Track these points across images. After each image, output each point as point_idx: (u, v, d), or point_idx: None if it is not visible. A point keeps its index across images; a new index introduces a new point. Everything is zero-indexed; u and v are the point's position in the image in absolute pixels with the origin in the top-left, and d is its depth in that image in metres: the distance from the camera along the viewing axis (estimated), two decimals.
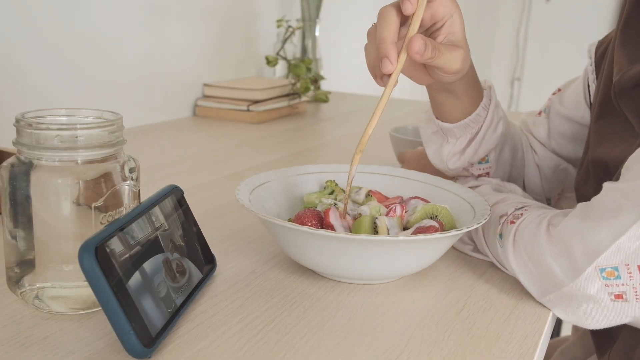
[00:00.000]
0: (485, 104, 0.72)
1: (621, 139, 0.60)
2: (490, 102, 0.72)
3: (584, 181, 0.67)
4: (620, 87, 0.60)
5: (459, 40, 0.62)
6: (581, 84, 0.76)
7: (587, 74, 0.75)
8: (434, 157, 0.76)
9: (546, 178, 0.82)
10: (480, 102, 0.71)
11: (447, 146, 0.73)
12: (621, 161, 0.56)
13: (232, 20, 1.57)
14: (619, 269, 0.51)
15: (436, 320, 0.55)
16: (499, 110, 0.73)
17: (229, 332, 0.51)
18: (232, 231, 0.73)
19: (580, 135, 0.78)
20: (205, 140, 1.26)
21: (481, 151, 0.73)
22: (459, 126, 0.71)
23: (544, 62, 3.99)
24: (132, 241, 0.47)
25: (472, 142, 0.72)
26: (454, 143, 0.73)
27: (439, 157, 0.75)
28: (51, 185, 0.49)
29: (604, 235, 0.51)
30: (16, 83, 1.06)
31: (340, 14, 2.06)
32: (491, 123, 0.72)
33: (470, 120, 0.71)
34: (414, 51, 0.57)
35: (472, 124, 0.71)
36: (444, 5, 0.61)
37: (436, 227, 0.60)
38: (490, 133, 0.72)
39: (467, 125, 0.71)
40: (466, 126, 0.71)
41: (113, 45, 1.24)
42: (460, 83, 0.67)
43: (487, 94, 0.72)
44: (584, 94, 0.75)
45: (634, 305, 0.52)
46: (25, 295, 0.52)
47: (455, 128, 0.71)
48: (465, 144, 0.73)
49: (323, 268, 0.59)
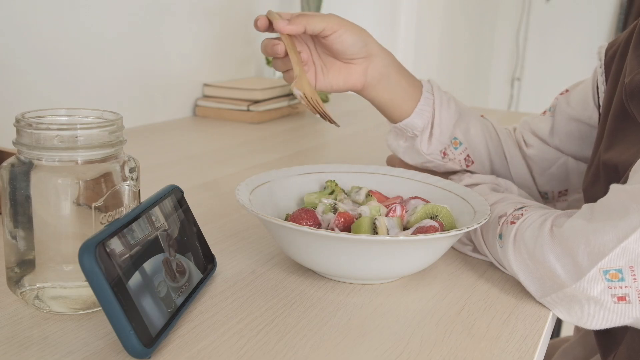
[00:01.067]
0: (427, 88, 0.78)
1: (633, 142, 0.60)
2: (432, 86, 0.79)
3: (593, 183, 0.67)
4: (632, 89, 0.60)
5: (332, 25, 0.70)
6: (590, 85, 0.76)
7: (596, 75, 0.75)
8: (412, 158, 0.81)
9: (542, 171, 0.82)
10: (422, 88, 0.78)
11: (416, 140, 0.79)
12: (631, 164, 0.56)
13: (232, 20, 1.57)
14: (623, 271, 0.51)
15: (436, 320, 0.55)
16: (445, 94, 0.80)
17: (229, 332, 0.51)
18: (232, 231, 0.73)
19: (586, 135, 0.78)
20: (205, 140, 1.26)
21: (444, 127, 0.78)
22: (415, 115, 0.77)
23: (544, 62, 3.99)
24: (132, 241, 0.47)
25: (434, 124, 0.78)
26: (421, 135, 0.78)
27: (415, 152, 0.80)
28: (51, 185, 0.49)
29: (610, 237, 0.50)
30: (16, 83, 1.06)
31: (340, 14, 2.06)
32: (442, 101, 0.78)
33: (422, 105, 0.77)
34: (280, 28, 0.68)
35: (425, 107, 0.77)
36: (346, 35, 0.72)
37: (436, 227, 0.60)
38: (445, 110, 0.78)
39: (422, 110, 0.77)
40: (421, 112, 0.77)
41: (113, 45, 1.24)
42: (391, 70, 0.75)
43: (426, 83, 0.79)
44: (593, 95, 0.75)
45: (637, 307, 0.52)
46: (25, 295, 0.52)
47: (414, 119, 0.77)
48: (429, 129, 0.78)
49: (323, 268, 0.59)
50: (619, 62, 0.69)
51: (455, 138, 0.79)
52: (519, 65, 4.08)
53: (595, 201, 0.56)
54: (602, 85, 0.72)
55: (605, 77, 0.72)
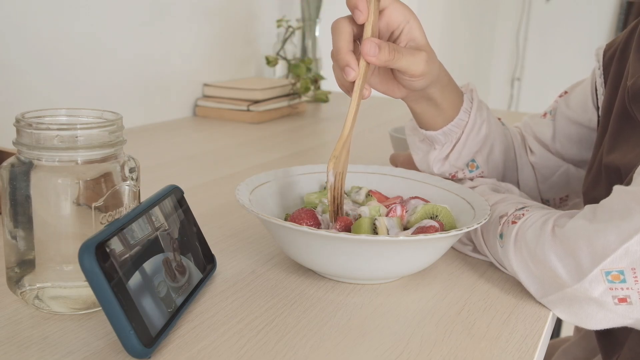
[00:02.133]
0: (467, 107, 0.72)
1: (635, 144, 0.60)
2: (472, 105, 0.73)
3: (593, 185, 0.67)
4: (634, 91, 0.60)
5: (420, 45, 0.63)
6: (588, 87, 0.76)
7: (594, 77, 0.75)
8: (420, 164, 0.78)
9: (544, 179, 0.81)
10: (460, 106, 0.72)
11: (433, 152, 0.75)
12: (634, 166, 0.56)
13: (232, 20, 1.57)
14: (624, 272, 0.51)
15: (436, 320, 0.55)
16: (482, 113, 0.74)
17: (229, 332, 0.51)
18: (232, 231, 0.73)
19: (586, 138, 0.77)
20: (205, 140, 1.26)
21: (465, 154, 0.74)
22: (442, 133, 0.72)
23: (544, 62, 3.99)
24: (132, 241, 0.47)
25: (456, 146, 0.73)
26: (440, 149, 0.74)
27: (426, 163, 0.76)
28: (51, 185, 0.49)
29: (612, 238, 0.50)
30: (16, 83, 1.06)
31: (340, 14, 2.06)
32: (473, 126, 0.73)
33: (452, 126, 0.72)
34: (366, 53, 0.58)
35: (455, 128, 0.72)
36: (397, 12, 0.62)
37: (436, 227, 0.60)
38: (473, 136, 0.73)
39: (451, 130, 0.72)
40: (449, 132, 0.72)
41: (113, 45, 1.24)
42: (435, 89, 0.68)
43: (468, 97, 0.73)
44: (592, 97, 0.75)
45: (638, 308, 0.52)
46: (25, 295, 0.52)
47: (439, 135, 0.73)
48: (450, 149, 0.74)
49: (323, 268, 0.59)
50: (617, 63, 0.69)
51: (474, 161, 0.75)
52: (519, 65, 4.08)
53: (595, 203, 0.56)
54: (601, 87, 0.72)
55: (603, 79, 0.72)
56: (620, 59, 0.69)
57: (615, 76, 0.69)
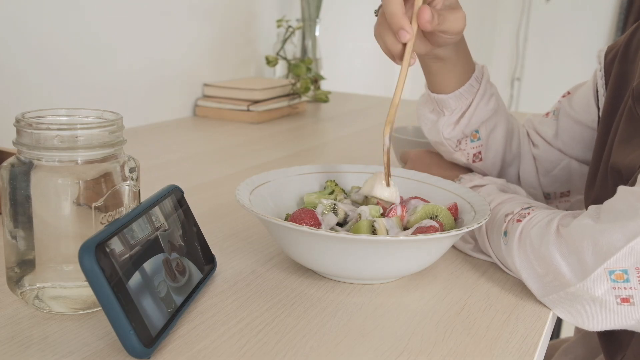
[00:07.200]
0: (478, 76, 0.76)
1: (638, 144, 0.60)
2: (483, 77, 0.77)
3: (594, 185, 0.67)
4: (639, 92, 0.60)
5: (454, 2, 0.66)
6: (591, 88, 0.76)
7: (595, 78, 0.75)
8: (430, 132, 0.80)
9: (545, 172, 0.82)
10: (472, 73, 0.76)
11: (443, 118, 0.77)
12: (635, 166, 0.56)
13: (232, 20, 1.57)
14: (628, 272, 0.51)
15: (436, 320, 0.55)
16: (491, 87, 0.77)
17: (229, 332, 0.51)
18: (232, 231, 0.73)
19: (589, 138, 0.78)
20: (205, 140, 1.26)
21: (474, 121, 0.77)
22: (453, 96, 0.75)
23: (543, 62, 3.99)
24: (132, 241, 0.47)
25: (466, 113, 0.76)
26: (449, 115, 0.77)
27: (435, 130, 0.79)
28: (51, 185, 0.49)
29: (617, 237, 0.51)
30: (16, 84, 1.06)
31: (340, 14, 2.06)
32: (484, 95, 0.76)
33: (464, 90, 0.75)
34: (425, 20, 0.61)
35: (466, 94, 0.75)
36: None
37: (436, 227, 0.60)
38: (482, 105, 0.76)
39: (461, 95, 0.75)
40: (460, 96, 0.75)
41: (113, 45, 1.24)
42: (452, 50, 0.72)
43: (479, 68, 0.77)
44: (594, 98, 0.76)
45: None
46: (25, 295, 0.52)
47: (450, 99, 0.75)
48: (459, 115, 0.77)
49: (323, 268, 0.59)
50: (619, 65, 0.69)
51: (477, 131, 0.78)
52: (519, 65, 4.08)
53: (597, 203, 0.56)
54: (602, 88, 0.73)
55: (605, 81, 0.73)
56: (621, 61, 0.69)
57: (616, 78, 0.69)
